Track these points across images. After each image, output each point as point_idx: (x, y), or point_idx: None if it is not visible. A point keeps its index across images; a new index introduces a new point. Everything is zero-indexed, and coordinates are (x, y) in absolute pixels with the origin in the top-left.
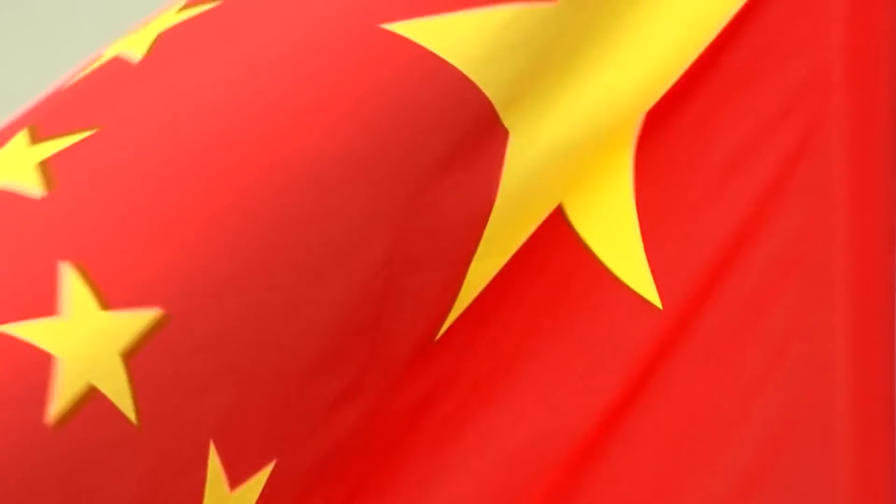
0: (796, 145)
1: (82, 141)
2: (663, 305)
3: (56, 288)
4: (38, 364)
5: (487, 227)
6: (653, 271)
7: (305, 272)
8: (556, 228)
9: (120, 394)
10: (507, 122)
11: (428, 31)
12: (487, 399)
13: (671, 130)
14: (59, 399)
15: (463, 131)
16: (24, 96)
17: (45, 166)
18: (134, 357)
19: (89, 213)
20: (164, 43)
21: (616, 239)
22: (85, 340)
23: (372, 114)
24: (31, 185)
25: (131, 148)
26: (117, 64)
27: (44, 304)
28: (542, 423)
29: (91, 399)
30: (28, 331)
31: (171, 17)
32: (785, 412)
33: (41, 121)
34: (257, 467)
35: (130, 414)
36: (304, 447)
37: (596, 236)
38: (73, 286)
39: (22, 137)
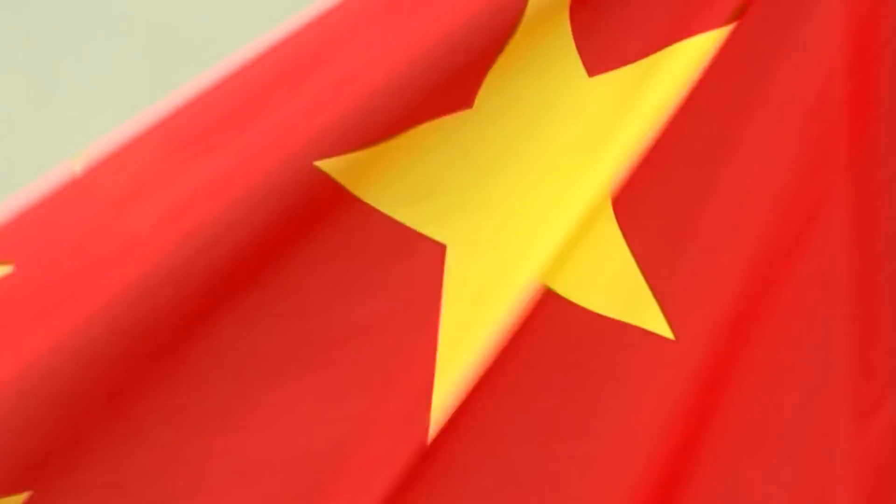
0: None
1: None
2: (676, 336)
3: None
4: None
5: (440, 335)
6: (662, 307)
7: None
8: (549, 306)
9: None
10: (438, 236)
11: (343, 169)
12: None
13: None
14: None
15: (385, 262)
16: (24, 99)
17: None
18: None
19: None
20: None
21: (620, 291)
22: None
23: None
24: None
25: None
26: None
27: None
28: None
29: None
30: None
31: None
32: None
33: None
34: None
35: None
36: None
37: (595, 298)
38: None
39: None
